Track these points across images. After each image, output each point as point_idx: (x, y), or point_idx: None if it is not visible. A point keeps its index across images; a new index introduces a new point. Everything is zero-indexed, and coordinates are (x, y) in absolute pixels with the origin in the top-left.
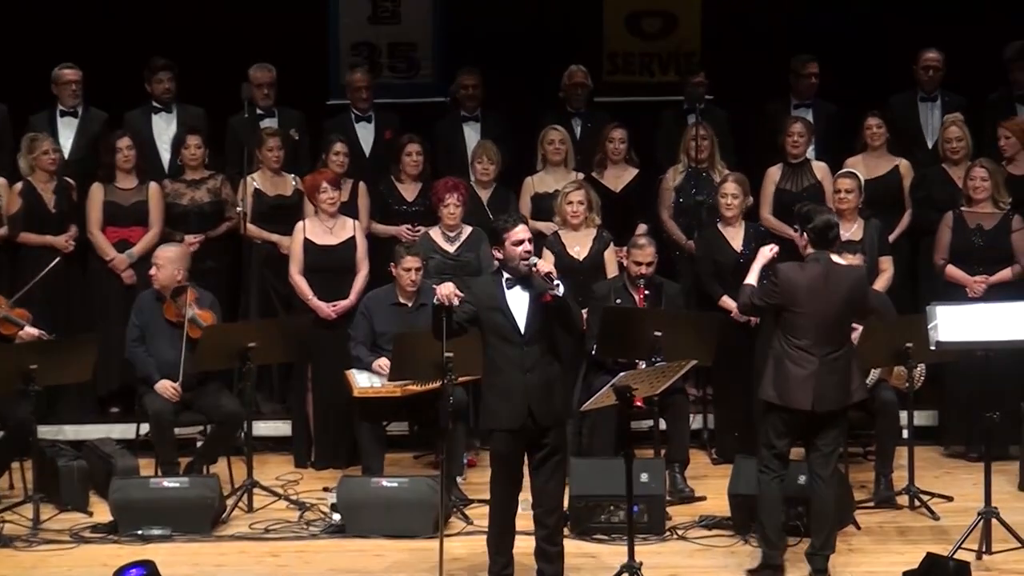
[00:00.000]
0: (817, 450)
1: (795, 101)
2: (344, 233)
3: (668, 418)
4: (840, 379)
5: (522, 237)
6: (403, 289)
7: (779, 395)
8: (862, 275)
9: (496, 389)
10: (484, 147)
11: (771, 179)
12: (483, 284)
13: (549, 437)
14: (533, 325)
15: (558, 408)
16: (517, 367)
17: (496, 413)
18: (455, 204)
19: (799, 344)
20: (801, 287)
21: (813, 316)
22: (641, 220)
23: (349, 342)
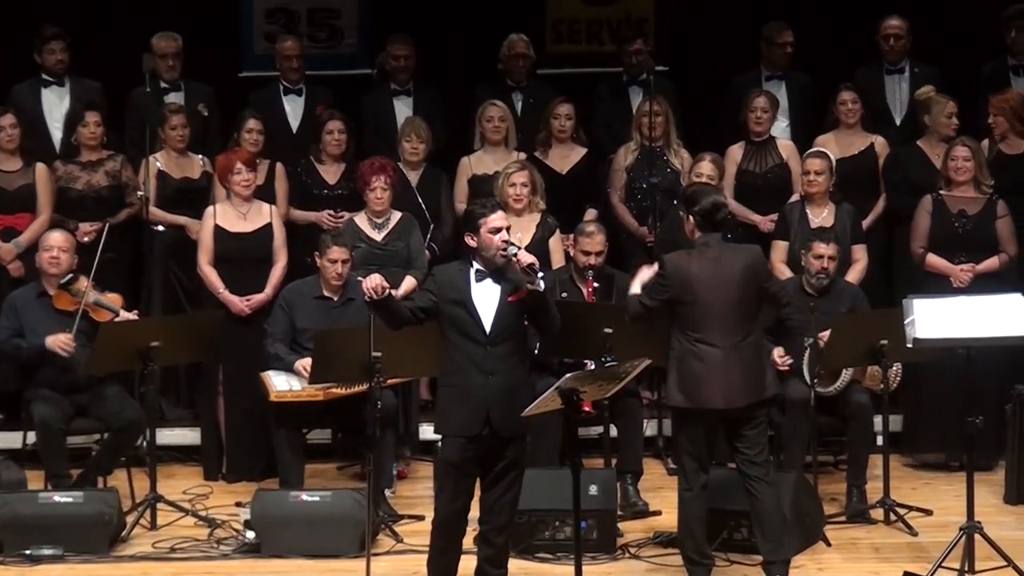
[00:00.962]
0: (743, 454)
1: (767, 72)
2: (259, 219)
3: (620, 424)
4: (751, 371)
5: (500, 225)
6: (328, 282)
7: (687, 397)
8: (758, 253)
9: (453, 391)
10: (413, 124)
11: (732, 159)
12: (448, 273)
13: (509, 449)
14: (500, 324)
15: (520, 418)
16: (478, 369)
17: (450, 417)
18: (382, 187)
19: (698, 337)
20: (692, 275)
21: (710, 305)
22: (590, 205)
23: (265, 340)
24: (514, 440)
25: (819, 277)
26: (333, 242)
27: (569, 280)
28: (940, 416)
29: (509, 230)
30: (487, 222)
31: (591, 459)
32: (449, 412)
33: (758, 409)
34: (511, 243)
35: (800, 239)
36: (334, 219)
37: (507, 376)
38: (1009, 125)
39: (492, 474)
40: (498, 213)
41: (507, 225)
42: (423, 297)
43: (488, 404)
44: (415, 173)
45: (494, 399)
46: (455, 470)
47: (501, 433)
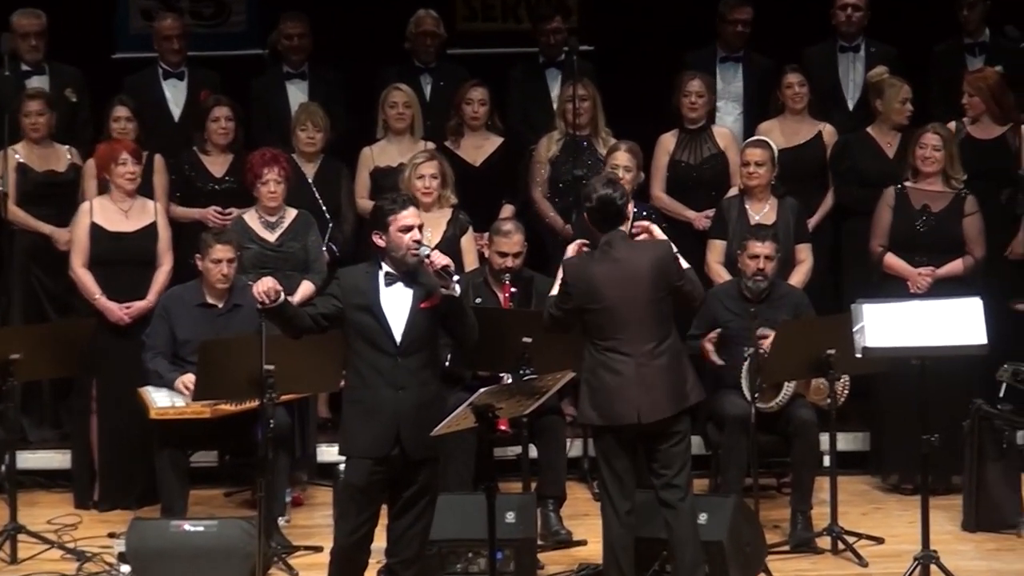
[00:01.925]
0: (658, 475)
1: (722, 53)
2: (143, 218)
3: (540, 444)
4: (669, 380)
5: (411, 223)
6: (212, 286)
7: (600, 414)
8: (666, 248)
9: (359, 407)
10: (309, 111)
11: (664, 149)
12: (354, 276)
13: (421, 473)
14: (412, 333)
15: (432, 439)
16: (387, 383)
17: (356, 436)
18: (275, 181)
19: (608, 346)
20: (596, 279)
21: (618, 310)
22: (506, 200)
23: (144, 352)
24: (426, 463)
25: (756, 280)
26: (216, 240)
27: (483, 284)
28: (897, 434)
29: (422, 228)
30: (397, 219)
31: (508, 483)
32: (355, 430)
33: (678, 423)
34: (423, 243)
35: (738, 238)
36: (221, 216)
37: (419, 391)
38: (985, 106)
39: (401, 501)
40: (409, 210)
41: (419, 223)
42: (326, 302)
43: (398, 422)
44: (311, 165)
45: (405, 416)
46: (360, 495)
47: (412, 455)
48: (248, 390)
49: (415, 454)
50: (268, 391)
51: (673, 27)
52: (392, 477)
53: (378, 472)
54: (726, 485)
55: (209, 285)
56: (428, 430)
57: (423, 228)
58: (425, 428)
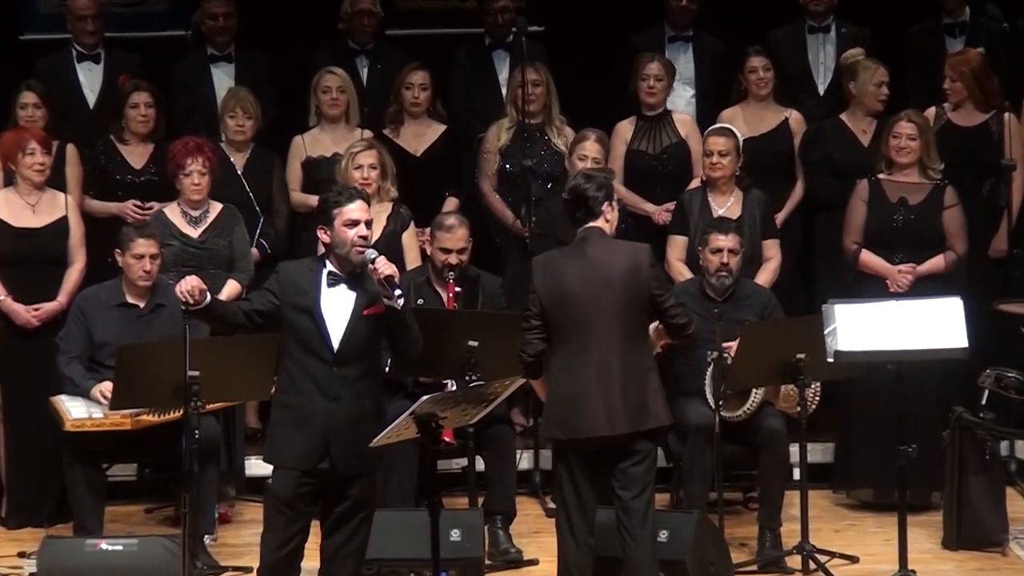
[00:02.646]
0: (618, 496)
1: (670, 33)
2: (53, 212)
3: (487, 456)
4: (634, 393)
5: (358, 217)
6: (133, 284)
7: (561, 427)
8: (646, 253)
9: (288, 413)
10: (238, 97)
11: (621, 137)
12: (295, 273)
13: (354, 487)
14: (351, 340)
15: (367, 453)
16: (320, 392)
17: (282, 445)
18: (199, 172)
19: (573, 352)
20: (565, 275)
21: (584, 313)
22: (450, 192)
23: (57, 357)
24: (360, 477)
25: (720, 277)
26: (138, 234)
27: (426, 283)
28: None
29: (370, 225)
30: (343, 212)
31: (453, 498)
32: (281, 438)
33: (642, 441)
34: (370, 246)
35: (700, 232)
36: (140, 211)
37: (354, 403)
38: (968, 92)
39: (333, 516)
40: (357, 203)
41: (367, 219)
42: (262, 298)
43: (329, 434)
44: (241, 155)
45: (336, 429)
46: (285, 507)
47: (343, 470)
48: (171, 399)
49: (346, 470)
50: (193, 399)
51: (624, 6)
52: (322, 490)
53: (306, 484)
54: (689, 500)
55: (130, 283)
56: (362, 444)
57: (371, 225)
58: (359, 442)
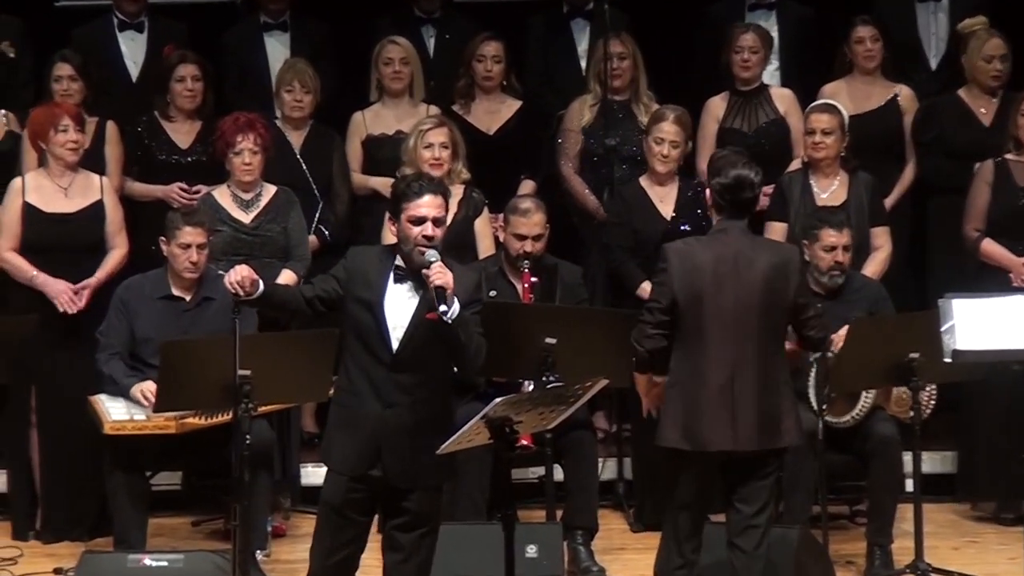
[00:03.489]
0: (737, 511)
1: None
2: (87, 195)
3: (567, 465)
4: (768, 406)
5: (424, 215)
6: (178, 276)
7: (684, 436)
8: (793, 253)
9: (342, 413)
10: (295, 69)
11: (712, 115)
12: (364, 260)
13: (411, 501)
14: (411, 345)
15: (425, 468)
16: (375, 396)
17: (332, 447)
18: (251, 151)
19: (702, 354)
20: (703, 270)
21: (719, 312)
22: (526, 175)
23: (97, 353)
24: (417, 490)
25: (833, 275)
26: (185, 221)
27: (499, 273)
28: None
29: (441, 223)
30: (409, 207)
31: (530, 510)
32: (334, 440)
33: (770, 457)
34: (434, 246)
35: (802, 219)
36: (186, 194)
37: (411, 412)
38: None
39: (390, 530)
40: (426, 198)
41: (436, 215)
42: (327, 284)
43: (380, 442)
44: (298, 134)
45: (389, 437)
46: (335, 514)
47: (395, 482)
48: (220, 400)
49: (399, 481)
50: (244, 401)
51: None
52: (376, 500)
53: (357, 491)
54: (790, 514)
55: (175, 274)
56: (417, 458)
57: (443, 222)
58: (414, 455)
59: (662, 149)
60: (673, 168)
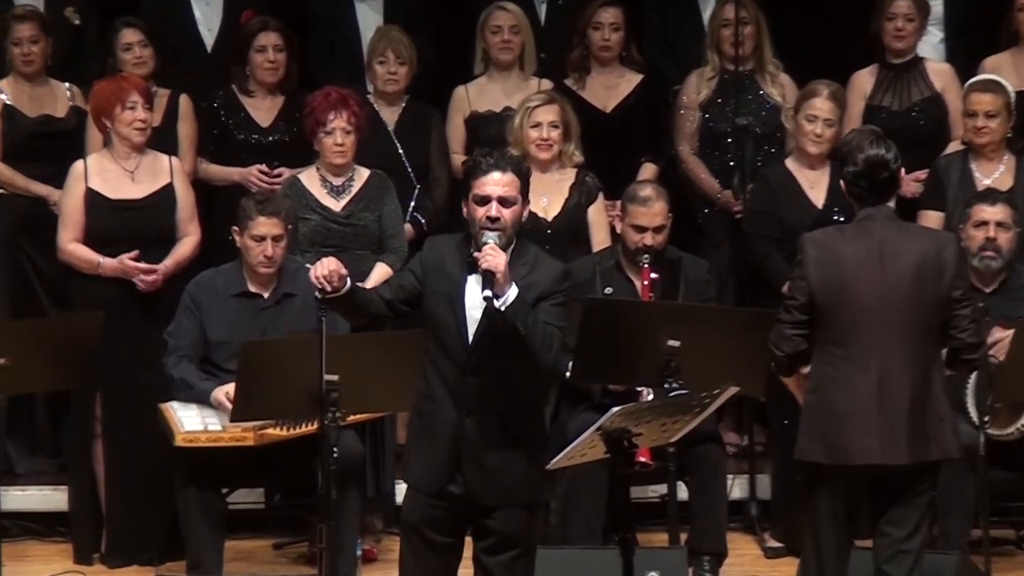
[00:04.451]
0: (886, 535)
1: None
2: (156, 179)
3: (693, 482)
4: (922, 414)
5: (489, 193)
6: (254, 271)
7: (825, 448)
8: (948, 242)
9: (420, 423)
10: (390, 38)
11: (859, 90)
12: (442, 250)
13: (496, 520)
14: (486, 342)
15: (511, 481)
16: (452, 400)
17: (409, 460)
18: (343, 130)
19: (843, 354)
20: (844, 262)
21: (864, 308)
22: (647, 158)
23: (166, 356)
24: (504, 508)
25: (985, 257)
26: (259, 210)
27: (616, 268)
28: None
29: (510, 203)
30: (474, 186)
31: (650, 533)
32: (412, 451)
33: (925, 474)
34: (496, 227)
35: (961, 207)
36: (267, 178)
37: (492, 419)
38: None
39: (479, 550)
40: (494, 175)
41: (502, 195)
42: (405, 279)
43: (461, 454)
44: (392, 110)
45: (469, 450)
46: (415, 535)
47: (479, 499)
48: (304, 408)
49: (481, 497)
50: (331, 409)
51: None
52: (461, 519)
53: (437, 508)
54: (946, 538)
55: (250, 269)
56: (503, 470)
57: (511, 203)
58: (498, 467)
59: (815, 128)
60: (826, 150)
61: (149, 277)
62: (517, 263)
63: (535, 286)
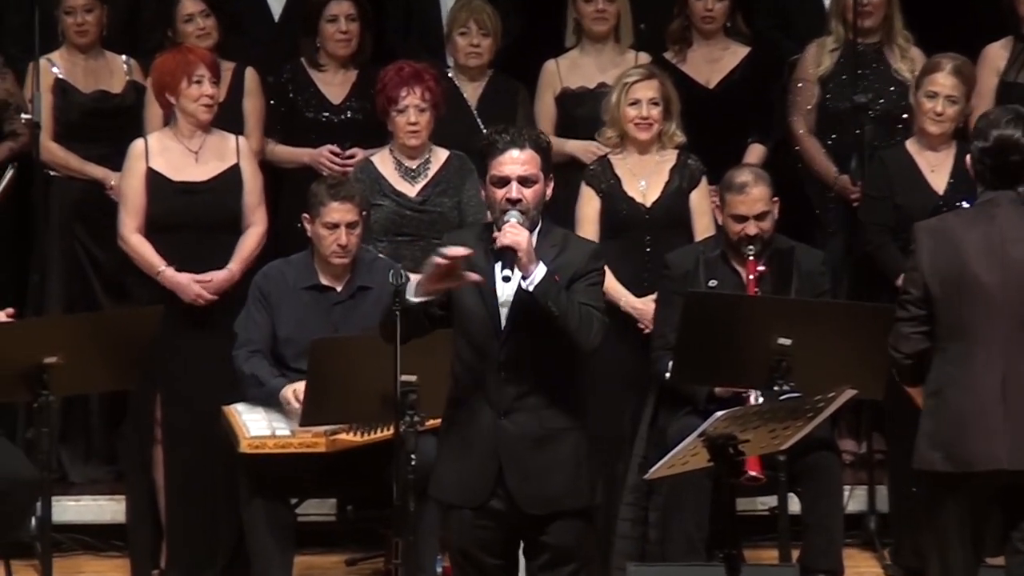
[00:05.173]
0: (1019, 552)
1: None
2: (222, 160)
3: (806, 494)
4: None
5: (508, 173)
6: (327, 262)
7: (946, 455)
8: None
9: (452, 431)
10: (471, 8)
11: (991, 65)
12: (463, 242)
13: (549, 533)
14: (520, 332)
15: (558, 487)
16: (486, 400)
17: (443, 473)
18: (418, 108)
19: (964, 351)
20: (962, 252)
21: (985, 300)
22: (754, 138)
23: (235, 351)
24: (556, 519)
25: None
26: (331, 195)
27: (720, 259)
28: None
29: (527, 183)
30: (491, 167)
31: (758, 550)
32: (445, 464)
33: None
34: (516, 205)
35: None
36: (339, 160)
37: (534, 419)
38: None
39: (533, 569)
40: (511, 153)
41: (523, 174)
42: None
43: (501, 461)
44: (475, 86)
45: (510, 454)
46: (462, 559)
47: (526, 508)
48: (380, 412)
49: (528, 506)
50: (408, 412)
51: None
52: (513, 537)
53: (483, 527)
54: None
55: (322, 259)
56: (550, 475)
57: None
58: (545, 472)
59: (935, 106)
60: (949, 130)
61: (209, 296)
62: (545, 244)
63: (568, 266)
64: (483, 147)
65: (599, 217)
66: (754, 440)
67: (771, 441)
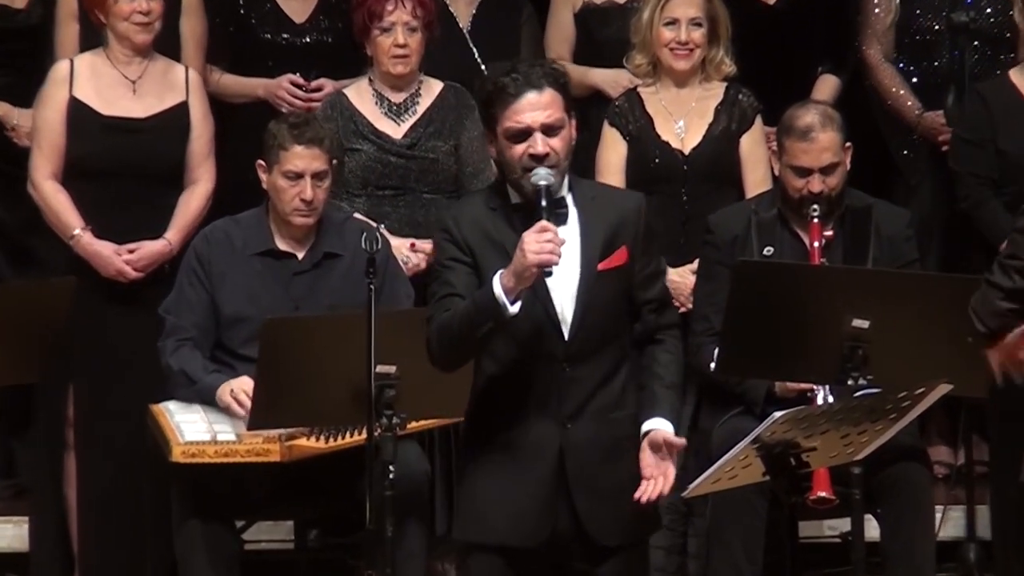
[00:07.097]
0: None
1: None
2: (165, 94)
3: (888, 516)
4: None
5: (530, 122)
6: (286, 221)
7: None
8: None
9: (490, 458)
10: None
11: None
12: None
13: (610, 565)
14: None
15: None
16: (543, 406)
17: (485, 512)
18: (406, 27)
19: None
20: None
21: None
22: (826, 67)
23: (161, 340)
24: (621, 550)
25: None
26: (293, 138)
27: (778, 220)
28: None
29: (557, 131)
30: (503, 118)
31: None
32: (483, 502)
33: None
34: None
35: None
36: (303, 93)
37: (602, 425)
38: None
39: None
40: (528, 96)
41: (546, 121)
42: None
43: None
44: (467, 2)
45: (576, 469)
46: None
47: (601, 539)
48: (349, 411)
49: (604, 537)
50: (386, 413)
51: None
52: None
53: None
54: None
55: (280, 219)
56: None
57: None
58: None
59: None
60: None
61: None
62: (584, 203)
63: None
64: (488, 94)
65: (624, 166)
66: (822, 448)
67: (843, 449)
